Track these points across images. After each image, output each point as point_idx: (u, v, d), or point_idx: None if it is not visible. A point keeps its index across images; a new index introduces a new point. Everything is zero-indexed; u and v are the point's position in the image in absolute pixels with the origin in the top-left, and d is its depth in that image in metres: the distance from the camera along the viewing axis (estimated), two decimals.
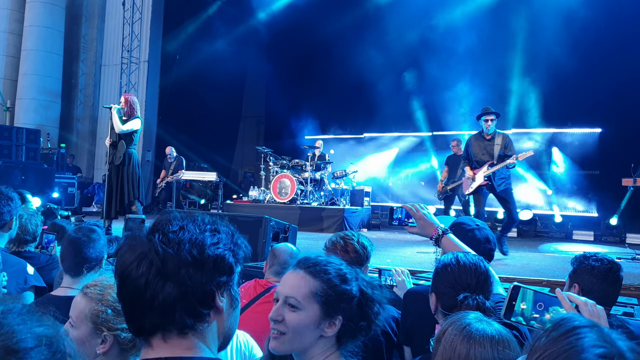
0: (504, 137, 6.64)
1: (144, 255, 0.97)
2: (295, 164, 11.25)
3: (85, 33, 15.38)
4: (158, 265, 0.96)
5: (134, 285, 0.96)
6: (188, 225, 1.01)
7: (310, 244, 7.31)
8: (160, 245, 0.97)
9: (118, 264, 0.99)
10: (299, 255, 3.12)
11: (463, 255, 1.85)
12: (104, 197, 7.04)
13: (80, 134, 15.22)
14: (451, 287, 1.78)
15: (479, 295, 1.73)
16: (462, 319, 1.40)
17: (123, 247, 1.01)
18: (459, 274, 1.78)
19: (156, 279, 0.96)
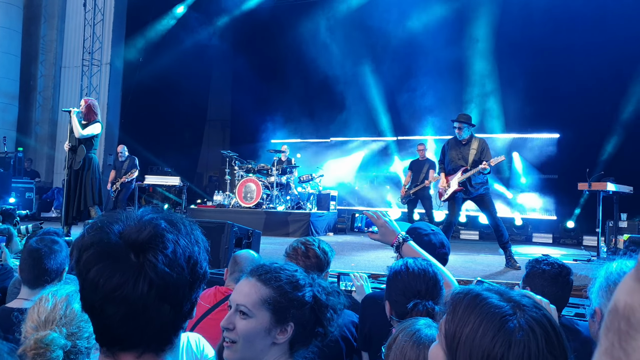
0: (480, 142, 6.53)
1: (138, 273, 0.90)
2: (261, 168, 11.21)
3: (44, 34, 15.00)
4: (160, 287, 0.91)
5: (129, 306, 0.90)
6: (180, 241, 0.96)
7: (274, 249, 7.29)
8: (160, 265, 0.91)
9: (93, 277, 0.91)
10: (260, 262, 3.11)
11: (412, 261, 1.88)
12: (63, 203, 6.90)
13: (39, 137, 14.81)
14: (402, 294, 1.81)
15: (429, 302, 1.77)
16: (411, 325, 1.43)
17: (89, 254, 0.92)
18: (409, 281, 1.82)
19: (156, 302, 0.92)
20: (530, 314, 0.92)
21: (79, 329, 1.58)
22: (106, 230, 0.93)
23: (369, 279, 4.62)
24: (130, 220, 0.96)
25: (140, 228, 0.93)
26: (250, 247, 4.99)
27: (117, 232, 0.93)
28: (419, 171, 9.19)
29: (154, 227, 0.94)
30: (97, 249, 0.92)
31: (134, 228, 0.93)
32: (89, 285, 0.91)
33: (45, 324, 1.55)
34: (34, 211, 11.99)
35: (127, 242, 0.92)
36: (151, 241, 0.92)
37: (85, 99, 6.94)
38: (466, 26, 12.07)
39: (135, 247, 0.92)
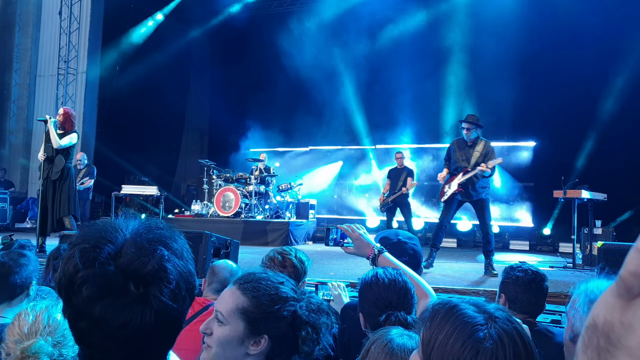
0: (485, 144, 6.41)
1: (144, 305, 0.87)
2: (239, 177, 11.17)
3: (18, 42, 14.78)
4: (165, 318, 0.90)
5: (135, 341, 0.88)
6: (179, 267, 0.92)
7: (253, 259, 7.25)
8: (165, 299, 0.89)
9: (100, 314, 0.85)
10: (238, 272, 3.10)
11: (382, 271, 1.89)
12: (38, 213, 6.78)
13: (13, 147, 14.55)
14: (374, 305, 1.82)
15: (401, 312, 1.77)
16: (384, 335, 1.43)
17: (88, 290, 0.86)
18: (379, 292, 1.82)
19: (160, 333, 0.91)
20: (501, 325, 0.95)
21: (63, 338, 1.55)
22: (100, 259, 0.87)
23: (347, 287, 4.63)
24: (120, 239, 0.90)
25: (142, 260, 0.88)
26: (228, 257, 4.97)
27: (111, 258, 0.88)
28: (397, 179, 9.25)
29: (158, 260, 0.90)
30: (95, 283, 0.86)
31: (134, 259, 0.88)
32: (95, 322, 0.86)
33: (29, 336, 1.52)
34: (8, 222, 11.75)
35: (125, 274, 0.87)
36: (155, 275, 0.89)
37: (64, 108, 6.85)
38: (442, 35, 12.24)
39: (136, 280, 0.87)
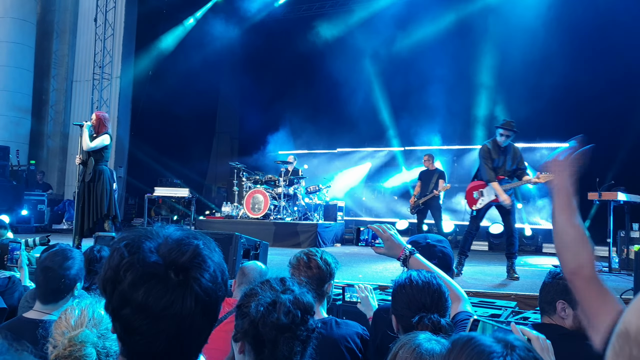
0: (516, 151, 6.30)
1: (184, 290, 0.93)
2: (268, 179, 11.26)
3: (56, 49, 15.22)
4: (205, 303, 0.96)
5: (178, 324, 0.94)
6: (214, 258, 1.00)
7: (282, 260, 7.30)
8: (205, 282, 0.96)
9: (142, 298, 0.91)
10: (267, 273, 3.14)
11: (416, 273, 1.88)
12: (75, 215, 6.95)
13: (51, 150, 14.98)
14: (407, 307, 1.81)
15: (434, 314, 1.77)
16: (412, 340, 1.43)
17: (132, 275, 0.93)
18: (413, 294, 1.81)
19: (200, 318, 0.96)
20: (518, 353, 0.96)
21: (107, 331, 1.61)
22: (143, 249, 0.95)
23: (376, 290, 4.64)
24: (160, 237, 0.98)
25: (182, 249, 0.96)
26: (257, 258, 5.02)
27: (153, 250, 0.95)
28: (429, 181, 9.16)
29: (195, 248, 0.97)
30: (139, 270, 0.93)
31: (174, 248, 0.96)
32: (137, 305, 0.92)
33: (75, 327, 1.58)
34: (46, 223, 12.10)
35: (166, 262, 0.94)
36: (193, 261, 0.96)
37: (96, 112, 7.01)
38: (473, 36, 12.12)
39: (177, 267, 0.94)
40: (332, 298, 2.73)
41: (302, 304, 1.46)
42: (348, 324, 2.43)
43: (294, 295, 1.47)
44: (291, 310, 1.42)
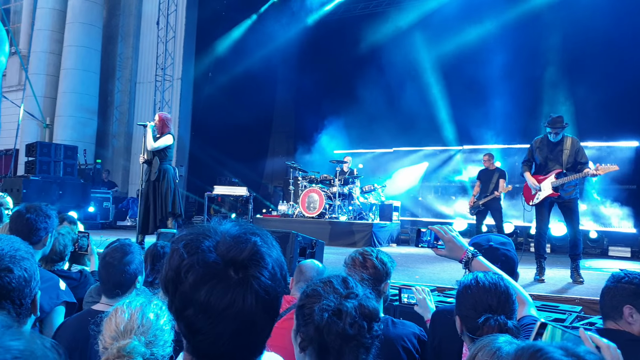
0: (573, 141, 5.95)
1: (245, 288, 0.94)
2: (323, 179, 11.30)
3: (121, 52, 15.84)
4: (265, 301, 0.96)
5: (240, 323, 0.94)
6: (273, 254, 1.00)
7: (337, 259, 7.31)
8: (264, 279, 0.96)
9: (205, 297, 0.92)
10: (325, 272, 3.15)
11: (482, 275, 1.83)
12: (139, 212, 7.19)
13: (116, 150, 15.61)
14: (473, 309, 1.76)
15: (501, 316, 1.72)
16: (491, 343, 1.38)
17: (193, 275, 0.93)
18: (479, 295, 1.77)
19: (262, 315, 0.96)
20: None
21: (155, 337, 1.64)
22: (202, 249, 0.95)
23: (434, 292, 4.56)
24: (218, 235, 0.98)
25: (240, 246, 0.96)
26: (314, 256, 5.04)
27: (212, 249, 0.95)
28: (489, 181, 8.91)
29: (253, 245, 0.97)
30: (199, 271, 0.93)
31: (232, 246, 0.96)
32: (199, 306, 0.92)
33: (124, 334, 1.62)
34: (111, 220, 12.61)
35: (225, 260, 0.94)
36: (252, 258, 0.96)
37: (159, 114, 7.24)
38: (535, 32, 11.72)
39: (236, 265, 0.94)
40: (389, 298, 2.70)
41: (367, 312, 1.42)
42: (404, 324, 2.40)
43: (359, 302, 1.43)
44: (357, 321, 1.39)
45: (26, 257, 1.46)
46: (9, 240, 1.48)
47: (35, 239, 2.65)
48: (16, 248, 1.46)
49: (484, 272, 1.89)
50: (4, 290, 1.37)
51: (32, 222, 2.63)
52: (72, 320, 2.36)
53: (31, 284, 1.45)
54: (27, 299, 1.43)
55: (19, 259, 1.43)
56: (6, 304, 1.37)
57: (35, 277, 1.47)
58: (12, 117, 14.22)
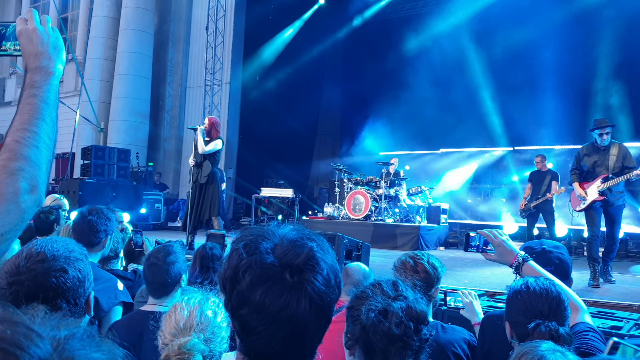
0: (620, 147, 6.06)
1: (299, 292, 0.95)
2: (369, 181, 11.26)
3: (171, 57, 16.24)
4: (318, 306, 0.97)
5: (292, 326, 0.96)
6: (328, 260, 1.01)
7: (383, 262, 7.27)
8: (318, 284, 0.97)
9: (260, 298, 0.94)
10: (371, 275, 3.15)
11: (533, 280, 1.79)
12: (186, 214, 7.38)
13: (167, 152, 16.00)
14: (523, 314, 1.73)
15: (552, 322, 1.68)
16: (534, 349, 1.35)
17: (250, 276, 0.96)
18: (529, 301, 1.73)
19: (314, 320, 0.97)
20: None
21: (213, 335, 1.70)
22: (260, 250, 0.98)
23: (484, 297, 4.48)
24: (276, 238, 1.01)
25: (296, 250, 0.98)
26: (360, 259, 5.03)
27: (269, 251, 0.98)
28: (540, 183, 8.65)
29: (309, 251, 0.99)
30: (256, 271, 0.95)
31: (289, 250, 0.98)
32: (255, 305, 0.95)
33: (184, 331, 1.68)
34: (162, 221, 12.93)
35: (282, 263, 0.96)
36: (308, 263, 0.97)
37: (209, 118, 7.42)
38: (588, 30, 11.33)
39: (291, 268, 0.96)
40: (438, 303, 2.68)
41: (415, 314, 1.42)
42: (454, 329, 2.37)
43: (406, 304, 1.43)
44: (403, 321, 1.39)
45: (80, 258, 1.53)
46: (63, 242, 1.55)
47: (96, 241, 2.76)
48: (70, 249, 1.53)
49: (534, 277, 1.85)
50: (59, 290, 1.43)
51: (94, 224, 2.74)
52: (123, 322, 2.45)
53: (85, 284, 1.51)
54: (81, 298, 1.49)
55: (73, 259, 1.49)
56: (62, 303, 1.43)
57: (89, 277, 1.53)
58: (69, 121, 14.79)
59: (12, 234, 1.06)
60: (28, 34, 1.27)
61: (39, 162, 1.13)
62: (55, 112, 1.22)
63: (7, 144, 1.12)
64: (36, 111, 1.18)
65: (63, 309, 1.43)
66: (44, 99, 1.21)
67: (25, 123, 1.15)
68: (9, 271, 1.43)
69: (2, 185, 1.06)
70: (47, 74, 1.25)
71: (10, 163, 1.09)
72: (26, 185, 1.08)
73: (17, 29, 1.29)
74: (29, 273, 1.41)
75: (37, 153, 1.13)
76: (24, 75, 1.26)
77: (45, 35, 1.28)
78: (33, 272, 1.41)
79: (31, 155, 1.12)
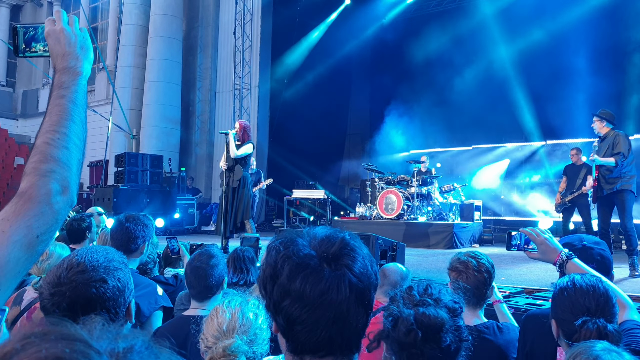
0: (616, 135, 6.32)
1: (339, 278, 0.98)
2: (400, 179, 11.19)
3: (200, 63, 16.44)
4: (358, 290, 0.99)
5: (334, 310, 0.98)
6: (363, 249, 1.05)
7: (418, 261, 7.23)
8: (357, 269, 1.00)
9: (299, 286, 0.97)
10: (409, 275, 3.12)
11: (580, 277, 1.75)
12: (219, 217, 7.45)
13: (199, 157, 16.20)
14: (569, 312, 1.69)
15: (600, 319, 1.64)
16: (588, 350, 1.31)
17: (289, 266, 0.99)
18: (576, 298, 1.69)
19: (355, 306, 0.99)
20: None
21: (255, 336, 1.73)
22: (296, 242, 1.02)
23: (522, 294, 4.41)
24: (310, 235, 1.05)
25: (331, 240, 1.02)
26: (395, 259, 5.00)
27: (305, 245, 1.02)
28: (575, 177, 8.45)
29: (342, 239, 1.03)
30: (294, 260, 0.99)
31: (324, 242, 1.02)
32: (296, 294, 0.98)
33: (226, 334, 1.70)
34: (195, 225, 13.09)
35: (319, 253, 1.00)
36: (343, 250, 1.01)
37: (239, 121, 7.49)
38: (624, 19, 11.02)
39: (328, 258, 1.00)
40: None
41: (426, 322, 1.40)
42: (509, 329, 2.35)
43: (423, 310, 1.42)
44: (413, 329, 1.39)
45: (119, 267, 1.55)
46: (103, 252, 1.58)
47: (134, 247, 2.81)
48: (110, 259, 1.55)
49: (581, 274, 1.80)
50: (100, 300, 1.46)
51: (131, 230, 2.79)
52: (166, 327, 2.49)
53: (125, 293, 1.53)
54: (121, 307, 1.51)
55: (112, 269, 1.51)
56: (103, 313, 1.46)
57: (128, 286, 1.55)
58: (102, 129, 15.11)
59: (47, 235, 1.07)
60: (56, 35, 1.27)
61: (70, 163, 1.14)
62: (84, 113, 1.23)
63: (37, 146, 1.13)
64: (65, 112, 1.18)
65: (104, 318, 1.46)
66: (73, 99, 1.21)
67: (54, 124, 1.16)
68: (50, 282, 1.47)
69: (35, 188, 1.07)
70: (75, 74, 1.25)
71: (41, 165, 1.10)
72: (58, 187, 1.09)
73: (45, 30, 1.29)
74: (70, 284, 1.44)
75: (67, 154, 1.14)
76: (52, 76, 1.27)
77: (73, 36, 1.28)
78: (74, 283, 1.44)
79: (61, 157, 1.13)
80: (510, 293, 4.44)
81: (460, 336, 1.44)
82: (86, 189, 15.84)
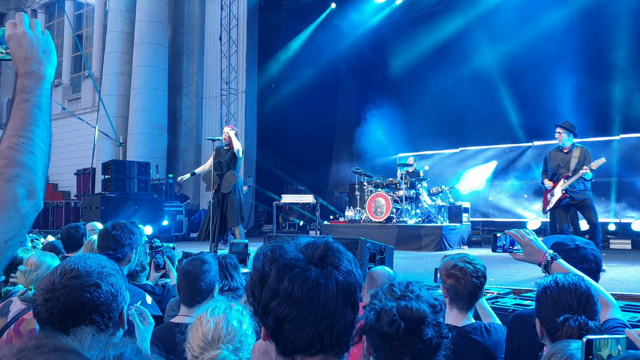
0: (582, 150, 6.72)
1: (326, 276, 1.02)
2: (389, 183, 11.22)
3: (186, 69, 16.40)
4: (344, 288, 1.03)
5: (322, 307, 1.00)
6: (347, 252, 1.10)
7: (407, 264, 7.25)
8: (343, 268, 1.04)
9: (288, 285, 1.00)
10: (396, 278, 3.14)
11: (562, 276, 1.79)
12: (208, 223, 7.39)
13: (186, 163, 16.12)
14: (552, 310, 1.72)
15: (581, 316, 1.66)
16: (563, 349, 1.34)
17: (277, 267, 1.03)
18: (559, 296, 1.73)
19: (342, 303, 1.02)
20: None
21: (241, 344, 1.72)
22: (283, 246, 1.06)
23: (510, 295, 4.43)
24: (295, 242, 1.10)
25: (315, 245, 1.08)
26: (383, 262, 5.01)
27: (292, 249, 1.06)
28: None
29: (326, 242, 1.08)
30: (282, 262, 1.03)
31: (309, 245, 1.07)
32: (284, 294, 1.01)
33: (212, 344, 1.70)
34: (184, 232, 13.02)
35: (305, 257, 1.04)
36: (327, 252, 1.06)
37: (228, 126, 7.49)
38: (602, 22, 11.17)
39: (314, 259, 1.04)
40: None
41: (409, 314, 1.43)
42: (497, 329, 2.36)
43: (405, 303, 1.45)
44: (395, 320, 1.42)
45: (112, 273, 1.55)
46: (96, 259, 1.59)
47: (121, 255, 2.80)
48: (103, 265, 1.56)
49: (563, 273, 1.83)
50: (93, 305, 1.46)
51: (118, 238, 2.78)
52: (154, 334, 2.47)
53: (118, 299, 1.54)
54: (114, 312, 1.52)
55: (105, 275, 1.52)
56: (96, 317, 1.46)
57: (121, 292, 1.56)
58: (88, 137, 15.00)
59: (15, 240, 1.07)
60: (17, 38, 1.25)
61: (35, 168, 1.13)
62: (48, 117, 1.21)
63: (1, 151, 1.12)
64: (29, 116, 1.16)
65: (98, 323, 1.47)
66: (37, 103, 1.19)
67: (18, 129, 1.14)
68: (44, 288, 1.48)
69: (1, 193, 1.07)
70: (38, 78, 1.23)
71: (6, 170, 1.09)
72: (24, 191, 1.09)
73: (7, 33, 1.27)
74: (64, 289, 1.45)
75: (33, 159, 1.13)
76: (14, 80, 1.24)
77: (35, 39, 1.26)
78: (67, 288, 1.45)
79: (27, 161, 1.12)
80: (499, 294, 4.46)
81: (441, 332, 1.46)
82: (73, 197, 15.70)
